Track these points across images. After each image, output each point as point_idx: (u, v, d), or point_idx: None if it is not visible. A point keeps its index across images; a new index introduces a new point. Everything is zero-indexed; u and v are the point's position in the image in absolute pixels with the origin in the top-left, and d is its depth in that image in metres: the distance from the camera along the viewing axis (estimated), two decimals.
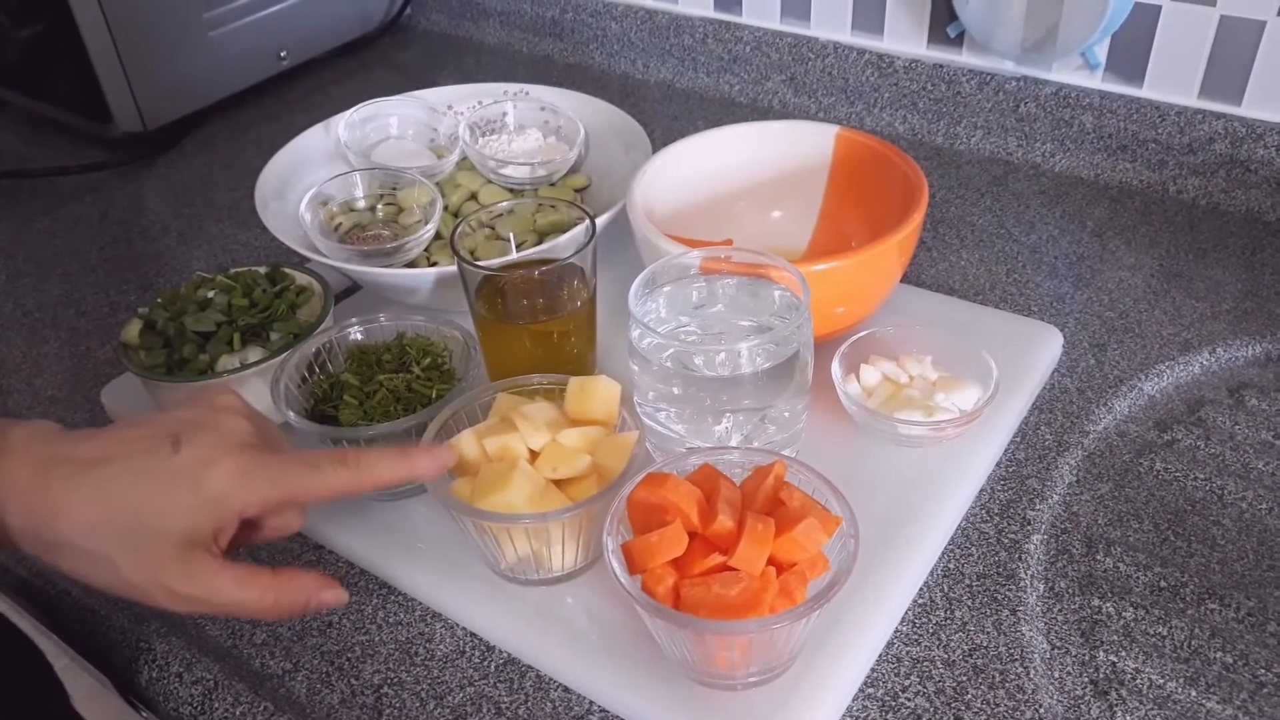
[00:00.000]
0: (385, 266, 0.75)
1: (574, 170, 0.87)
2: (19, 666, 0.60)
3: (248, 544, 0.53)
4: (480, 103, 0.91)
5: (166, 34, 1.06)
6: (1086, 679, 0.53)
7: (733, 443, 0.59)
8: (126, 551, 0.46)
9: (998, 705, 0.52)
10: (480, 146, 0.86)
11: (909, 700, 0.53)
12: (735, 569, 0.48)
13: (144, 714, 0.60)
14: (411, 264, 0.77)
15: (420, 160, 0.87)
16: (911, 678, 0.54)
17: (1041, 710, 0.52)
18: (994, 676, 0.53)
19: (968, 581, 0.58)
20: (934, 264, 0.83)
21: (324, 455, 0.50)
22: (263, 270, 0.72)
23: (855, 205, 0.76)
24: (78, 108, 1.08)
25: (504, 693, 0.54)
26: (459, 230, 0.67)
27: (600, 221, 0.71)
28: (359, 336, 0.67)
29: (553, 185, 0.85)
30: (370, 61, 1.27)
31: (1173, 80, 0.89)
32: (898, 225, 0.65)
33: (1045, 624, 0.56)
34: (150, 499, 0.46)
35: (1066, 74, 0.94)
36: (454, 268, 0.66)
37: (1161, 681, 0.53)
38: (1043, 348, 0.71)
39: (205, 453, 0.48)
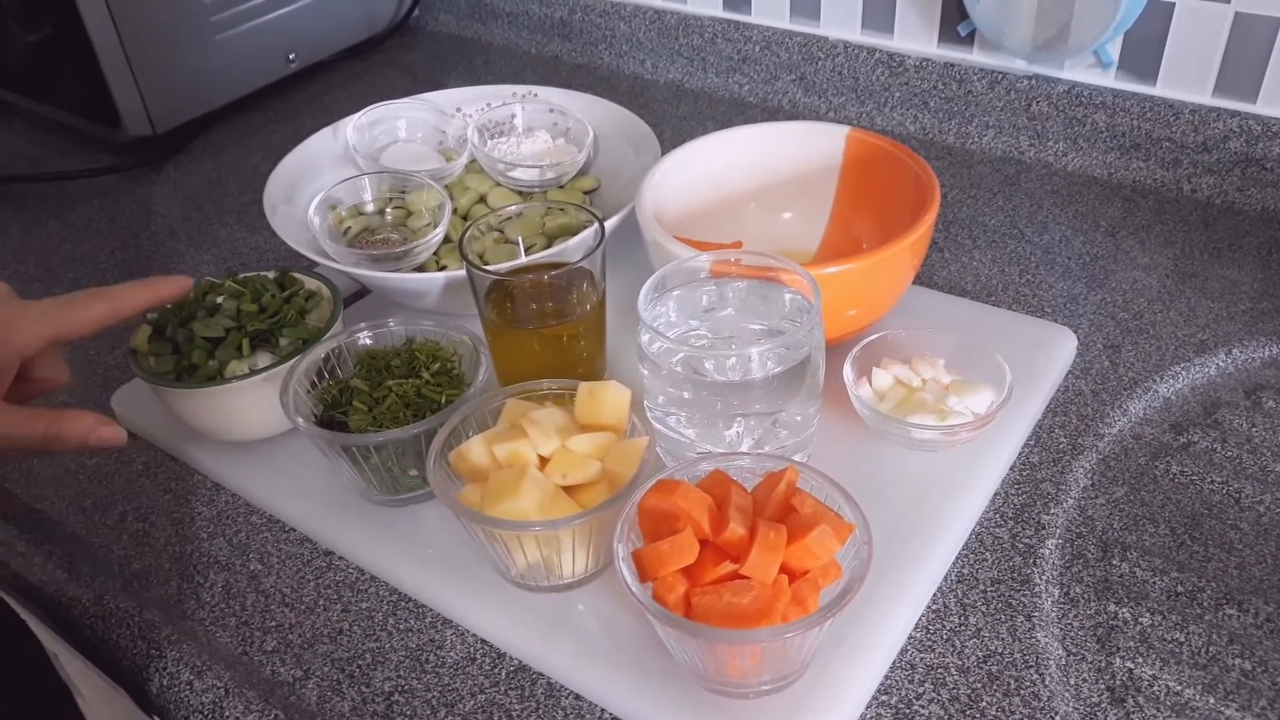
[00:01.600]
0: (394, 271, 0.74)
1: (583, 172, 0.87)
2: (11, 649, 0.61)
3: (27, 398, 0.58)
4: (489, 105, 0.90)
5: (174, 37, 1.06)
6: (1103, 686, 0.53)
7: (744, 447, 0.59)
8: None
9: (1013, 713, 0.51)
10: (489, 149, 0.86)
11: (923, 708, 0.52)
12: (747, 577, 0.48)
13: None
14: (420, 268, 0.77)
15: (429, 163, 0.87)
16: (925, 685, 0.53)
17: (1057, 718, 0.51)
18: (1009, 683, 0.53)
19: (982, 587, 0.58)
20: (946, 265, 0.82)
21: (79, 293, 0.57)
22: (271, 275, 0.72)
23: (866, 206, 0.76)
24: (86, 111, 1.08)
25: (515, 700, 0.54)
26: (468, 234, 0.67)
27: (609, 225, 0.70)
28: (368, 341, 0.67)
29: (562, 188, 0.85)
30: (378, 63, 1.27)
31: (1187, 78, 0.88)
32: (910, 227, 0.64)
33: (1061, 630, 0.55)
34: None
35: (1079, 72, 0.93)
36: (463, 272, 0.65)
37: (1179, 688, 0.52)
38: (1056, 350, 0.70)
39: None
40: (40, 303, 0.56)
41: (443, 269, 0.77)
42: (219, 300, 0.69)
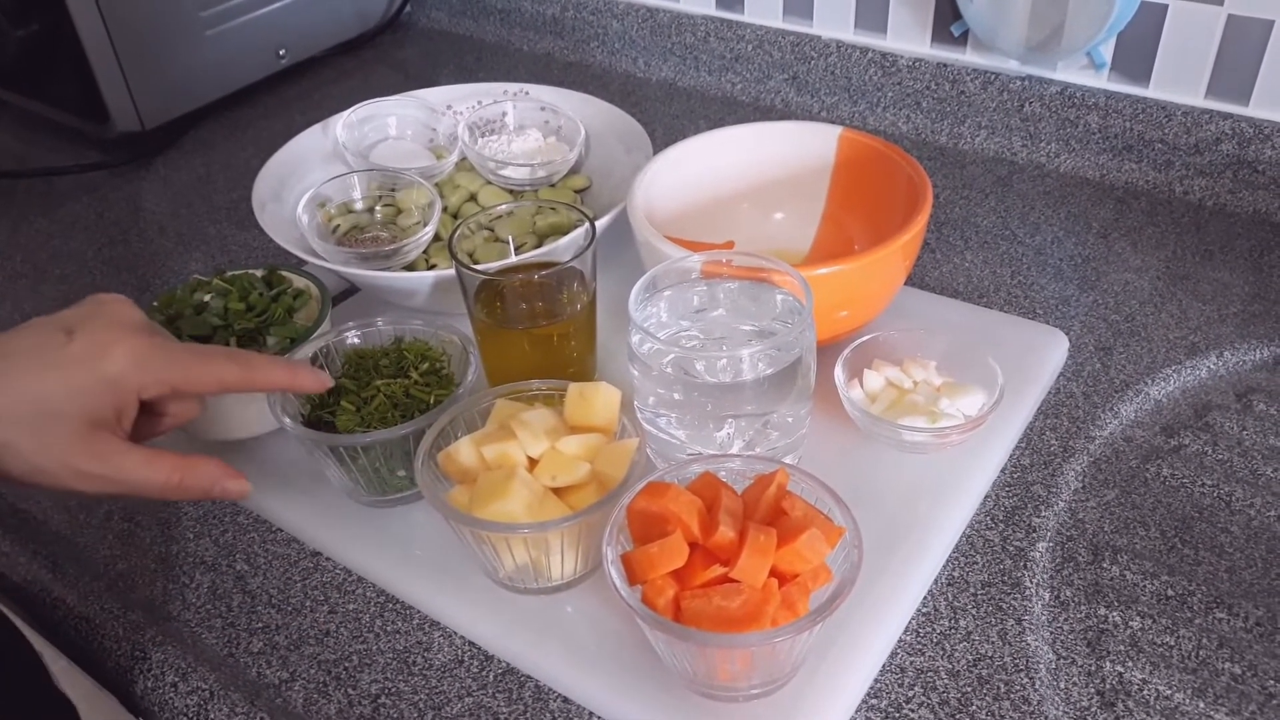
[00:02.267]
0: (383, 269, 0.74)
1: (574, 171, 0.87)
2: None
3: (153, 434, 0.55)
4: (480, 103, 0.90)
5: (164, 33, 1.05)
6: (1093, 690, 0.53)
7: (735, 449, 0.59)
8: (31, 438, 0.48)
9: (1003, 716, 0.51)
10: (479, 147, 0.85)
11: (913, 711, 0.52)
12: (737, 580, 0.48)
13: None
14: (410, 266, 0.77)
15: (419, 161, 0.86)
16: (915, 688, 0.53)
17: None
18: (999, 687, 0.53)
19: (972, 590, 0.57)
20: (938, 266, 0.82)
21: (216, 349, 0.55)
22: (259, 273, 0.71)
23: (859, 207, 0.76)
24: (75, 107, 1.07)
25: (503, 703, 0.54)
26: (457, 233, 0.66)
27: (600, 224, 0.70)
28: (356, 341, 0.66)
29: (553, 186, 0.85)
30: (370, 60, 1.26)
31: (1179, 80, 0.88)
32: (901, 228, 0.64)
33: (1051, 633, 0.55)
34: (50, 386, 0.48)
35: (1072, 73, 0.93)
36: (452, 271, 0.65)
37: (1169, 692, 0.52)
38: (1048, 352, 0.70)
39: (100, 337, 0.50)
40: (175, 344, 0.53)
41: (432, 268, 0.77)
42: (206, 298, 0.68)
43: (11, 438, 0.48)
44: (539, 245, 0.73)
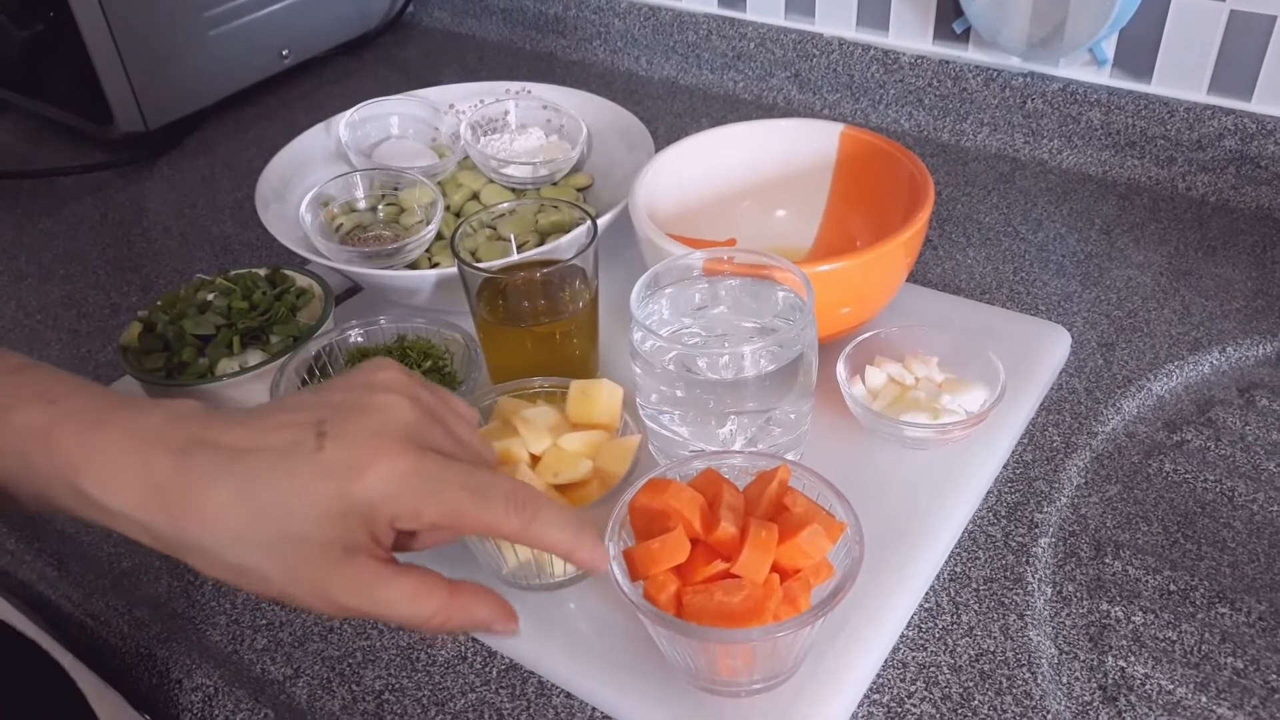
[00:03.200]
0: (386, 268, 0.74)
1: (576, 169, 0.87)
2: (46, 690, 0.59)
3: (406, 549, 0.47)
4: (482, 101, 0.90)
5: (167, 33, 1.05)
6: (1095, 684, 0.53)
7: (737, 446, 0.59)
8: (277, 564, 0.41)
9: (1005, 711, 0.51)
10: (482, 146, 0.86)
11: (915, 706, 0.52)
12: (738, 576, 0.48)
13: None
14: (413, 265, 0.77)
15: (421, 160, 0.86)
16: (918, 683, 0.53)
17: (1049, 716, 0.51)
18: (1001, 682, 0.53)
19: (974, 586, 0.58)
20: (940, 263, 0.82)
21: (498, 487, 0.43)
22: (262, 272, 0.71)
23: (860, 204, 0.76)
24: (79, 108, 1.08)
25: (505, 699, 0.54)
26: (459, 231, 0.66)
27: (602, 222, 0.70)
28: (359, 339, 0.67)
29: (555, 185, 0.85)
30: (372, 60, 1.27)
31: (1182, 76, 0.88)
32: (903, 225, 0.64)
33: (1053, 629, 0.55)
34: (296, 505, 0.41)
35: (1074, 70, 0.93)
36: (455, 269, 0.65)
37: (1171, 687, 0.52)
38: (1050, 348, 0.70)
39: (353, 452, 0.41)
40: (447, 472, 0.43)
41: (435, 266, 0.77)
42: (210, 297, 0.68)
43: (256, 564, 0.41)
44: (541, 243, 0.73)
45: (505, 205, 0.73)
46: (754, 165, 0.78)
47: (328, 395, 0.44)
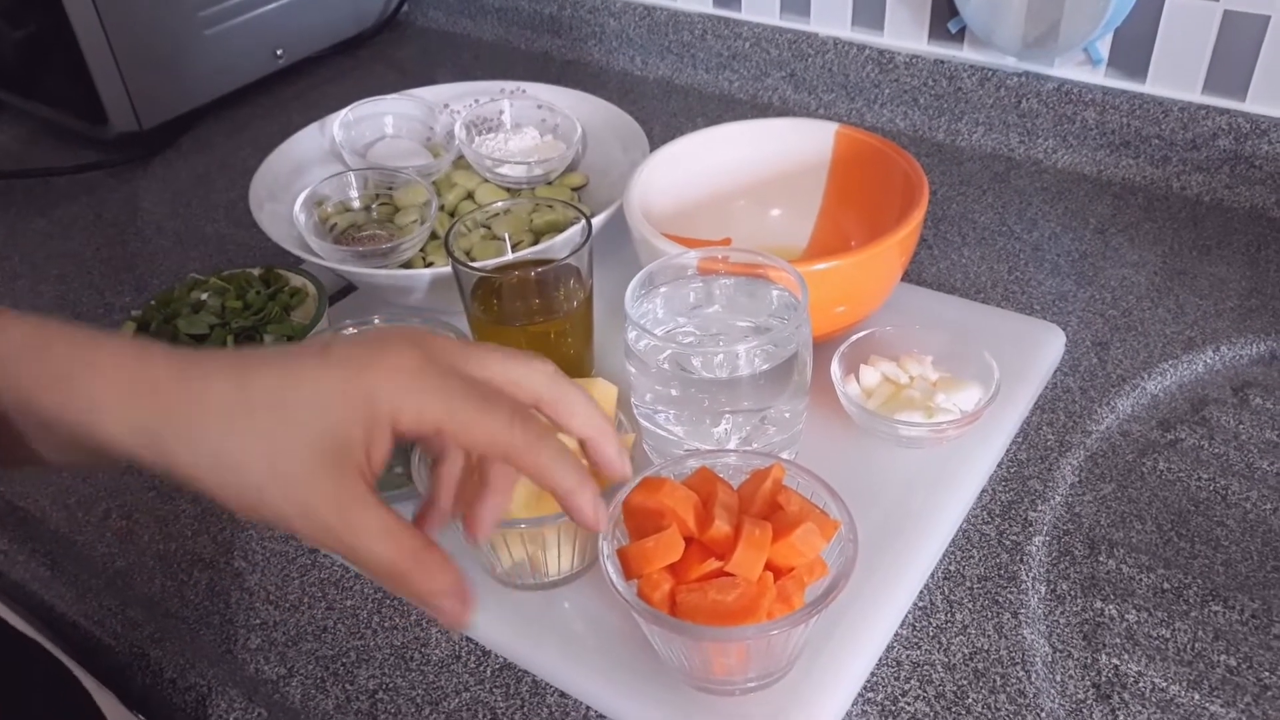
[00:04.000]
0: (380, 267, 0.74)
1: (571, 169, 0.87)
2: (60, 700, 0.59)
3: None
4: (477, 101, 0.90)
5: (161, 33, 1.05)
6: (1089, 682, 0.53)
7: (731, 444, 0.59)
8: (264, 456, 0.39)
9: (999, 709, 0.51)
10: (476, 145, 0.85)
11: (909, 704, 0.52)
12: (732, 574, 0.48)
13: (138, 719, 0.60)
14: (407, 264, 0.77)
15: (416, 159, 0.86)
16: (912, 682, 0.53)
17: (1043, 714, 0.51)
18: (995, 680, 0.53)
19: (969, 584, 0.58)
20: (935, 262, 0.82)
21: (505, 401, 0.41)
22: (256, 272, 0.71)
23: (855, 203, 0.76)
24: (73, 108, 1.07)
25: (500, 698, 0.54)
26: (454, 230, 0.66)
27: (597, 221, 0.70)
28: None
29: (550, 184, 0.85)
30: (367, 59, 1.27)
31: (1176, 76, 0.88)
32: (898, 224, 0.64)
33: (1047, 627, 0.55)
34: (295, 394, 0.39)
35: (1069, 69, 0.93)
36: (449, 268, 0.65)
37: (1164, 685, 0.52)
38: (1045, 347, 0.70)
39: (360, 351, 0.41)
40: (453, 380, 0.41)
41: (429, 265, 0.77)
42: (203, 297, 0.68)
43: (239, 452, 0.39)
44: (536, 242, 0.73)
45: (500, 204, 0.73)
46: (749, 165, 0.78)
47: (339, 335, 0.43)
